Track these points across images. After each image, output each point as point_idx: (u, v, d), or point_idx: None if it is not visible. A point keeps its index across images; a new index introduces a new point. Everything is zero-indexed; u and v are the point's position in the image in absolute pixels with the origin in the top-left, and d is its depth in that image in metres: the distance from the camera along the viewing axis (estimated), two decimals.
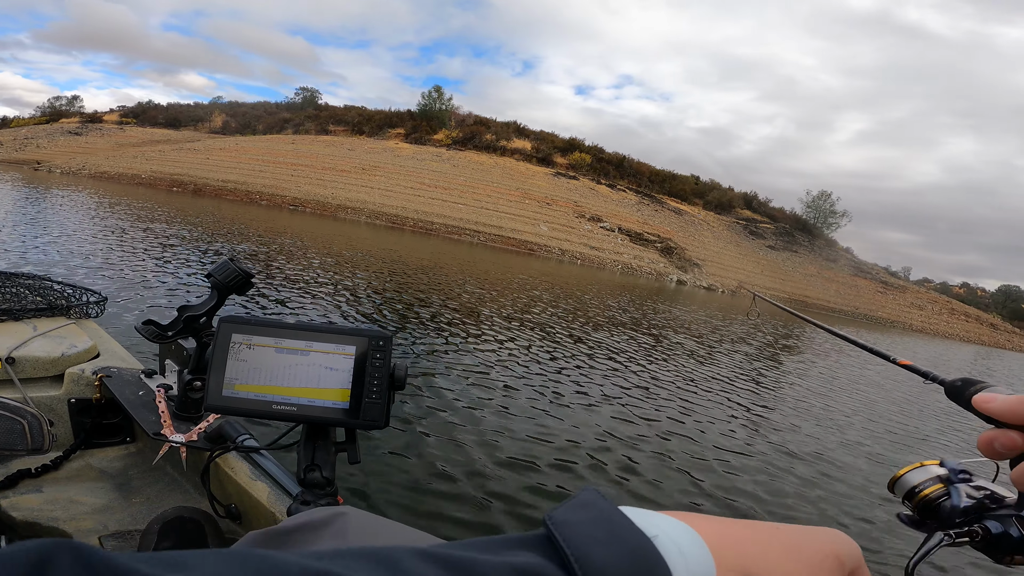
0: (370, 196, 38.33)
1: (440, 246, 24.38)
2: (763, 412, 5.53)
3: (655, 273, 36.49)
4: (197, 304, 1.18)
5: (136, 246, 8.92)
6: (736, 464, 3.78)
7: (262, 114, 68.18)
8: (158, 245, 9.41)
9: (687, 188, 57.25)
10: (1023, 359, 35.63)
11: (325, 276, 9.15)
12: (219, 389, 0.79)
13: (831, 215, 60.02)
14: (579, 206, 44.11)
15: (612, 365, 6.33)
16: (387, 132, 57.45)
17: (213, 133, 61.40)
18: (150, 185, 35.40)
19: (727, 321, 15.48)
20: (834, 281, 49.68)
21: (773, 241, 53.85)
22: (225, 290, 1.15)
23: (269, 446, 1.09)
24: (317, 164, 43.15)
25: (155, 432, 1.21)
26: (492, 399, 4.16)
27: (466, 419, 3.62)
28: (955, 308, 54.11)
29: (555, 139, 59.06)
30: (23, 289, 1.74)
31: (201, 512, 1.11)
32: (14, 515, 1.19)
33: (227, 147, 47.11)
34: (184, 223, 14.15)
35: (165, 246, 9.48)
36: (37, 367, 1.40)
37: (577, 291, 15.50)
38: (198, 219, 16.39)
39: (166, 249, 9.14)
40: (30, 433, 1.04)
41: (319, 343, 0.81)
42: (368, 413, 0.80)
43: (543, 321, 8.68)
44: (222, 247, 10.86)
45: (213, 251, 9.90)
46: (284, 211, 31.22)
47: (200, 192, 35.47)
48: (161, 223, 13.40)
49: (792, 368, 9.36)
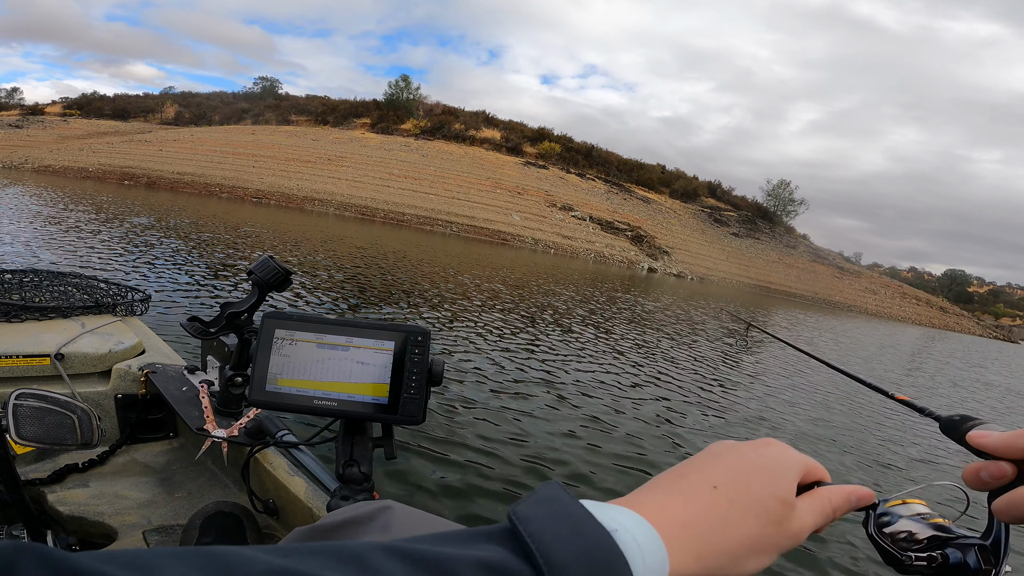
0: (338, 187, 37.37)
1: (411, 237, 23.92)
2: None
3: (627, 261, 36.94)
4: (239, 301, 1.18)
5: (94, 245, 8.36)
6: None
7: (218, 104, 65.82)
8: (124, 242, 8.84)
9: (654, 177, 58.20)
10: (969, 340, 37.92)
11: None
12: (263, 384, 0.80)
13: (790, 203, 62.23)
14: (550, 195, 44.21)
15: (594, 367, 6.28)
16: (353, 122, 56.33)
17: (165, 124, 59.05)
18: (99, 179, 33.47)
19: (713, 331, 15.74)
20: (794, 267, 51.52)
21: (737, 228, 55.37)
22: (266, 287, 1.15)
23: (307, 441, 1.11)
24: (280, 155, 41.78)
25: (198, 427, 1.23)
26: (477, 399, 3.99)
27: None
28: (906, 292, 56.99)
29: (524, 129, 59.16)
30: (70, 287, 1.77)
31: (240, 507, 1.13)
32: (61, 510, 1.20)
33: (181, 138, 45.20)
34: (151, 216, 13.39)
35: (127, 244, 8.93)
36: (85, 363, 1.42)
37: (547, 283, 15.46)
38: (168, 215, 15.59)
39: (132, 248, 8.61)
40: (80, 428, 1.02)
41: (359, 339, 0.81)
42: (407, 408, 0.80)
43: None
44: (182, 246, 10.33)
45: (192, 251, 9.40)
46: (247, 204, 30.07)
47: (154, 185, 33.73)
48: (128, 219, 12.66)
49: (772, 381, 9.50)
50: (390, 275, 9.86)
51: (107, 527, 1.20)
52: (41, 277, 1.76)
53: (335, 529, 0.57)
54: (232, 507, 1.12)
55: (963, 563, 0.38)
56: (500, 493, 2.55)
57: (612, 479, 2.91)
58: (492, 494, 2.53)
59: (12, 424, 0.95)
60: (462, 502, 2.43)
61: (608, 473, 2.96)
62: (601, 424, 3.67)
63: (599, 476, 2.91)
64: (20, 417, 0.97)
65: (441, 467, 2.67)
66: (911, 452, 4.60)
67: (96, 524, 1.20)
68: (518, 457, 2.92)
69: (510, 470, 2.77)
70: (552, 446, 3.15)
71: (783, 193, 62.05)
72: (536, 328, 6.91)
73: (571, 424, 3.55)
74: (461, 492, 2.50)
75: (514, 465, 2.83)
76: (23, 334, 1.41)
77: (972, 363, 17.81)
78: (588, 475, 2.89)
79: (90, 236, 8.44)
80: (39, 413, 1.00)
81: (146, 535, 1.19)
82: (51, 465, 1.30)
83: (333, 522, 0.58)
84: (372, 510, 0.57)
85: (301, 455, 1.21)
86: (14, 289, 1.63)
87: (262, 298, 1.18)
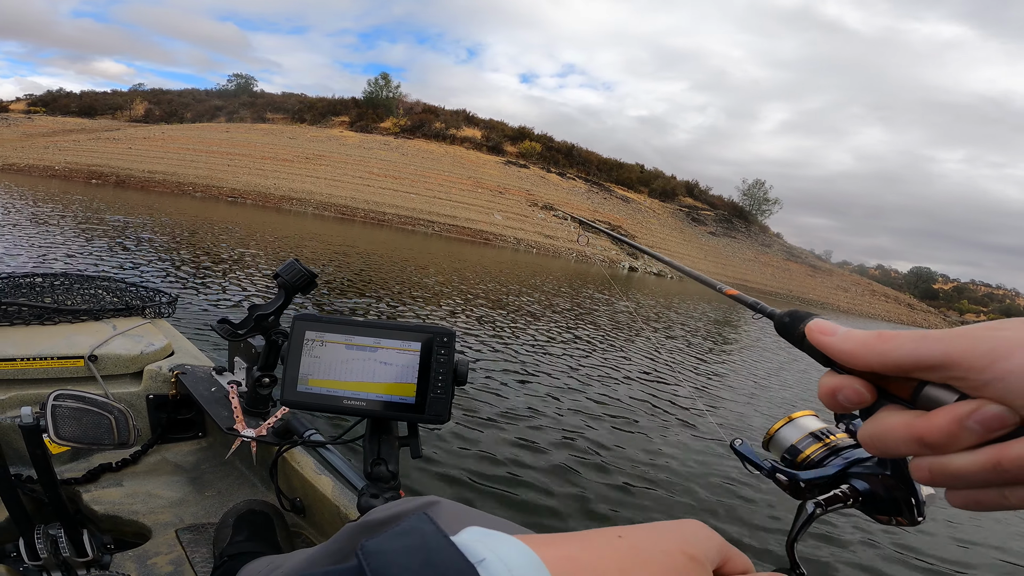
0: (316, 186, 36.79)
1: (391, 237, 23.70)
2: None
3: (608, 260, 37.26)
4: (266, 304, 1.19)
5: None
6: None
7: (190, 101, 64.25)
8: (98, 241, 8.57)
9: (633, 176, 58.78)
10: None
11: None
12: (294, 384, 0.82)
13: (765, 202, 63.51)
14: (531, 194, 44.29)
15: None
16: (331, 120, 55.58)
17: (134, 122, 57.45)
18: (65, 177, 32.31)
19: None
20: (769, 265, 52.65)
21: (714, 227, 56.31)
22: (292, 289, 1.17)
23: (334, 440, 1.13)
24: (256, 153, 40.94)
25: (228, 427, 1.25)
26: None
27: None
28: (876, 290, 58.75)
29: (505, 128, 59.10)
30: (100, 291, 1.81)
31: (270, 506, 1.14)
32: (96, 509, 1.22)
33: (152, 136, 43.96)
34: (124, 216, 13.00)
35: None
36: (118, 364, 1.44)
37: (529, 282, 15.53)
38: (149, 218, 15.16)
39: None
40: (117, 428, 1.04)
41: (386, 339, 0.82)
42: (433, 408, 0.82)
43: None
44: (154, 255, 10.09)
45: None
46: (222, 203, 29.37)
47: (123, 184, 32.68)
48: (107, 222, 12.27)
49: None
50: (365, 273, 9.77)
51: (141, 526, 1.21)
52: (71, 281, 1.79)
53: (383, 524, 0.57)
54: (263, 505, 1.13)
55: (872, 493, 0.34)
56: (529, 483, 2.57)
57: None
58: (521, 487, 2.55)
59: (51, 424, 0.96)
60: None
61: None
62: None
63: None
64: (58, 417, 0.98)
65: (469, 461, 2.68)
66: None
67: (130, 523, 1.22)
68: (553, 449, 2.95)
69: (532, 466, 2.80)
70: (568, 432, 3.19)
71: (758, 192, 63.35)
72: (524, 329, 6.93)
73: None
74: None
75: (540, 462, 2.86)
76: (56, 336, 1.44)
77: None
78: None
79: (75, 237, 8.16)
80: (77, 414, 1.01)
81: (179, 533, 1.19)
82: (85, 465, 1.32)
83: (380, 518, 0.58)
84: (420, 504, 0.57)
85: (328, 454, 1.22)
86: (46, 292, 1.66)
87: (288, 300, 1.19)
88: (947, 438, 0.23)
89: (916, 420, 0.25)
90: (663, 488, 2.86)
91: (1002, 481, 0.23)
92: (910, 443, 0.25)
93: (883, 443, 0.26)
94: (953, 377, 0.24)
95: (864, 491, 0.33)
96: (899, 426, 0.25)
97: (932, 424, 0.24)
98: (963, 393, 0.24)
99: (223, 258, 8.40)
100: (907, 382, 0.26)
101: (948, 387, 0.24)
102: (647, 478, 2.93)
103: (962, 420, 0.23)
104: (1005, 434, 0.23)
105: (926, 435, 0.24)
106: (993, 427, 0.23)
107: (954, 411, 0.23)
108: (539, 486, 2.60)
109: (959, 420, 0.23)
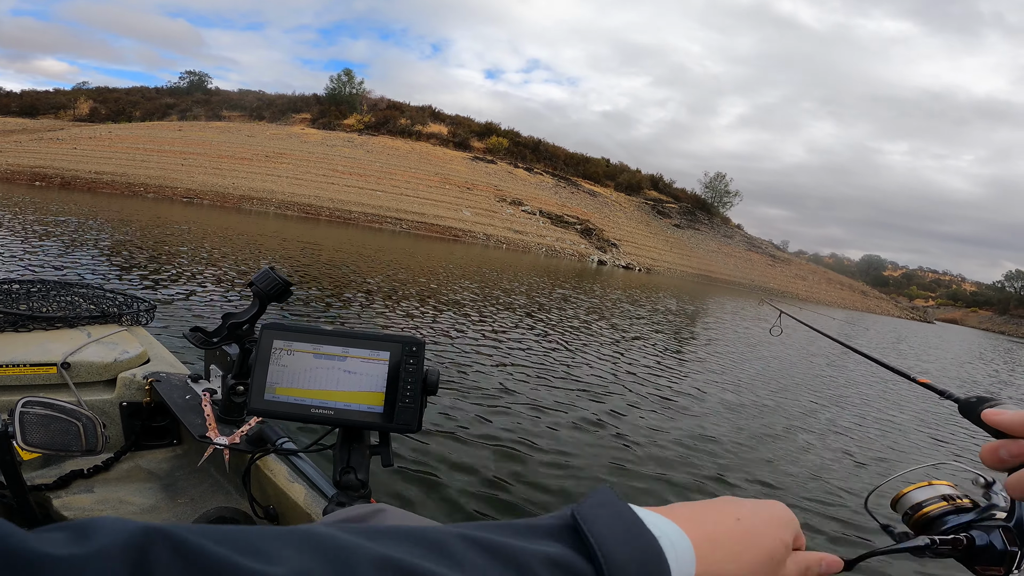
0: (278, 185, 35.78)
1: (357, 236, 23.28)
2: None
3: (577, 254, 37.63)
4: (240, 312, 1.20)
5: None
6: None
7: (139, 100, 61.57)
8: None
9: (599, 171, 59.45)
10: (886, 320, 41.27)
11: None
12: (261, 393, 0.82)
13: (726, 194, 65.34)
14: (499, 190, 44.25)
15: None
16: (291, 117, 54.17)
17: (79, 121, 54.52)
18: (7, 179, 30.42)
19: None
20: (732, 256, 54.24)
21: (678, 220, 57.58)
22: (266, 298, 1.18)
23: (306, 449, 1.14)
24: (212, 152, 39.48)
25: (201, 435, 1.26)
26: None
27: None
28: (831, 278, 61.33)
29: (471, 123, 58.80)
30: (77, 298, 1.80)
31: (241, 512, 1.16)
32: (66, 514, 1.22)
33: (98, 135, 41.85)
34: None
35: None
36: (91, 372, 1.45)
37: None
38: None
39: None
40: (85, 435, 1.06)
41: (355, 349, 0.83)
42: (402, 417, 0.82)
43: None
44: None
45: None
46: (177, 204, 28.24)
47: (69, 186, 31.02)
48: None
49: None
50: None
51: None
52: (48, 287, 1.80)
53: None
54: (234, 512, 1.16)
55: (989, 544, 0.38)
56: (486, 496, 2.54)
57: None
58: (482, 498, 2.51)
59: (19, 430, 0.97)
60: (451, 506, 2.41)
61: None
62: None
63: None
64: (27, 424, 0.99)
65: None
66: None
67: None
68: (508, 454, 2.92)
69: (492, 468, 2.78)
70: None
71: (719, 185, 65.06)
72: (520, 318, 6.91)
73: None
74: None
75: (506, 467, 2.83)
76: (30, 343, 1.44)
77: (919, 344, 19.26)
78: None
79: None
80: (45, 420, 1.02)
81: None
82: (57, 471, 1.32)
83: (328, 523, 0.61)
84: (366, 512, 0.59)
85: (300, 462, 1.23)
86: (22, 299, 1.67)
87: (263, 309, 1.20)
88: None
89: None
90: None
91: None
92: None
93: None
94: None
95: (982, 544, 0.37)
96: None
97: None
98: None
99: (176, 262, 8.07)
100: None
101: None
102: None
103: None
104: None
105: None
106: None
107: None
108: (520, 494, 2.55)
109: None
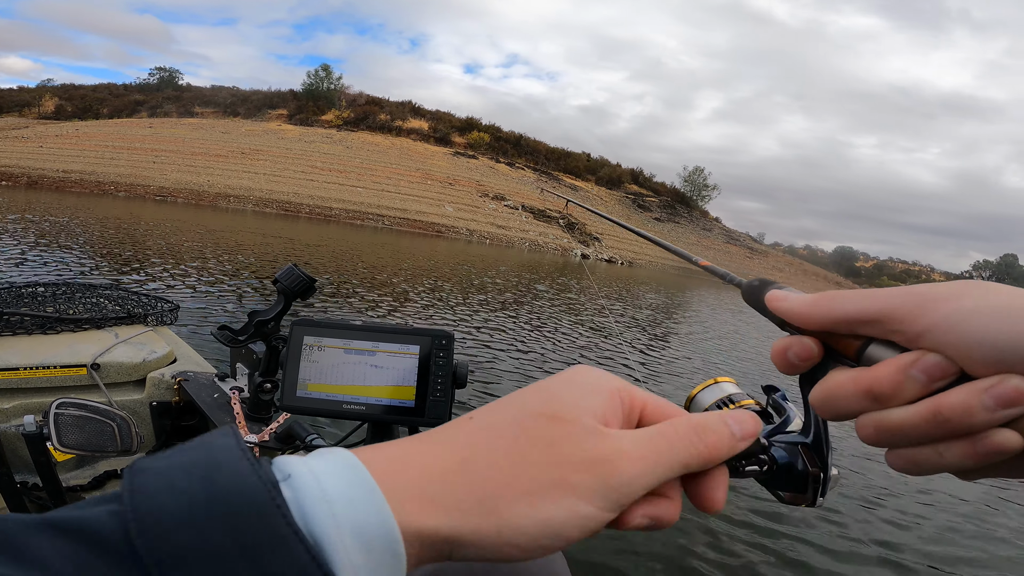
0: (255, 182, 35.04)
1: (337, 233, 22.99)
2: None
3: (560, 248, 37.74)
4: (266, 309, 1.21)
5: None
6: None
7: (107, 96, 59.95)
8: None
9: (580, 165, 59.74)
10: None
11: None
12: (293, 389, 0.83)
13: (704, 188, 66.31)
14: (482, 185, 44.11)
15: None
16: (267, 113, 53.29)
17: (44, 119, 52.84)
18: None
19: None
20: (711, 248, 55.04)
21: (659, 213, 58.20)
22: (291, 295, 1.18)
23: (335, 445, 1.03)
24: (185, 149, 38.48)
25: None
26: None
27: None
28: (807, 269, 62.77)
29: (452, 119, 58.57)
30: (102, 299, 1.82)
31: None
32: None
33: (65, 133, 40.54)
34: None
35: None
36: (121, 372, 1.47)
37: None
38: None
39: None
40: (120, 435, 1.06)
41: (385, 343, 0.84)
42: (433, 411, 0.83)
43: None
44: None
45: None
46: (149, 202, 27.48)
47: (36, 185, 29.90)
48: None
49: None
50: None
51: None
52: (73, 290, 1.82)
53: None
54: None
55: (790, 464, 0.34)
56: None
57: None
58: None
59: (54, 432, 0.96)
60: None
61: None
62: None
63: None
64: (61, 425, 0.98)
65: None
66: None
67: None
68: None
69: None
70: None
71: (698, 179, 66.00)
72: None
73: None
74: None
75: None
76: (59, 345, 1.46)
77: None
78: None
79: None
80: (80, 421, 1.01)
81: None
82: (91, 472, 1.34)
83: None
84: None
85: None
86: (48, 302, 1.69)
87: (288, 306, 1.21)
88: (893, 387, 0.24)
89: (863, 373, 0.26)
90: None
91: (941, 433, 0.24)
92: (859, 397, 0.25)
93: (834, 401, 0.27)
94: (892, 331, 0.25)
95: (784, 463, 0.33)
96: (847, 382, 0.26)
97: (879, 375, 0.25)
98: (903, 348, 0.25)
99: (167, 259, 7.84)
100: (852, 341, 0.27)
101: (889, 345, 0.26)
102: None
103: (906, 369, 0.24)
104: (944, 386, 0.24)
105: (874, 386, 0.25)
106: (935, 375, 0.24)
107: (898, 362, 0.25)
108: None
109: (903, 369, 0.24)
